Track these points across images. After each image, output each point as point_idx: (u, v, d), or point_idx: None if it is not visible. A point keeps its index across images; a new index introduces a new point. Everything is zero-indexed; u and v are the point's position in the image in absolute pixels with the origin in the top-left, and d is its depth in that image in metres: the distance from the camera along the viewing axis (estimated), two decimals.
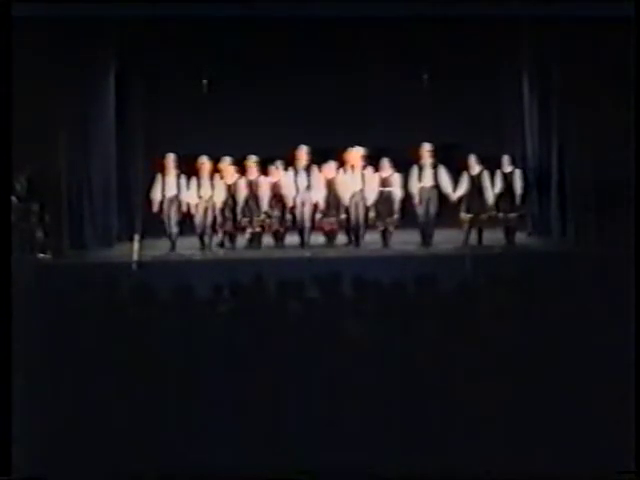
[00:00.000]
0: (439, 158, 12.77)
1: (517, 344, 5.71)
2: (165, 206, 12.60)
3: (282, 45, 13.37)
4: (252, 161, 12.72)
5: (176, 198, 12.60)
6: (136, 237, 12.07)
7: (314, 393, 5.59)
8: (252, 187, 12.68)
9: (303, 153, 12.69)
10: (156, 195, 12.63)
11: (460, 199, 12.69)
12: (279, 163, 12.80)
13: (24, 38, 10.57)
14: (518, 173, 12.77)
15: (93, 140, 13.17)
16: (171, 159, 12.65)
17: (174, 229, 12.59)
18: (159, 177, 12.68)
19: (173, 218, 12.56)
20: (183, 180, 12.61)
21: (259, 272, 7.08)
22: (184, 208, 12.60)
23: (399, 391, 5.59)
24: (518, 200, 12.68)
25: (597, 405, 5.46)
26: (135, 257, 11.69)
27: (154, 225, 13.17)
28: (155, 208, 12.61)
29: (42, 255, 11.93)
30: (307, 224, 12.63)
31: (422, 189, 12.63)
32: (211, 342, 5.85)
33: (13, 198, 11.35)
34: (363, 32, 13.00)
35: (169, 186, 12.61)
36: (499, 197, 12.62)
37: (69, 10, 11.36)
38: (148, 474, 5.41)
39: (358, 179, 12.66)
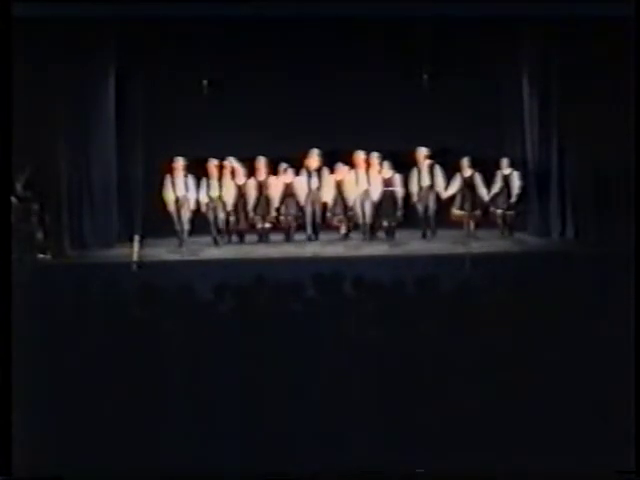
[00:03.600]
0: (438, 158, 13.15)
1: (517, 344, 5.71)
2: (175, 206, 12.99)
3: (282, 45, 13.36)
4: (261, 162, 13.11)
5: (185, 198, 12.99)
6: (136, 237, 12.06)
7: (315, 393, 5.59)
8: (261, 187, 13.11)
9: (314, 156, 13.15)
10: (169, 195, 12.98)
11: (453, 197, 13.24)
12: (286, 165, 13.12)
13: (24, 38, 10.58)
14: (516, 175, 13.28)
15: (93, 140, 13.16)
16: (180, 162, 13.01)
17: (185, 227, 13.00)
18: (168, 178, 12.98)
19: (183, 217, 12.98)
20: (191, 180, 13.00)
21: (262, 271, 7.09)
22: (192, 207, 13.00)
23: (399, 391, 5.59)
24: (514, 199, 13.20)
25: (597, 405, 5.46)
26: (135, 257, 11.68)
27: (154, 225, 13.26)
28: (170, 208, 12.98)
29: (42, 255, 11.92)
30: (317, 221, 13.23)
31: (421, 190, 13.18)
32: (212, 342, 5.85)
33: (13, 198, 11.35)
34: (363, 32, 12.99)
35: (178, 187, 12.99)
36: (496, 196, 13.26)
37: (69, 10, 11.36)
38: (149, 474, 5.41)
39: (363, 180, 13.08)
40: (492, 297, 6.58)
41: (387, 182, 13.06)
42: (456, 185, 13.19)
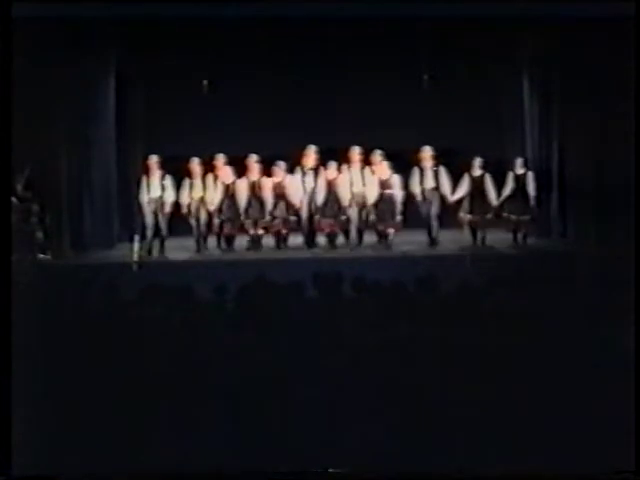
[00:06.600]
0: (440, 160, 12.85)
1: (517, 344, 5.71)
2: (150, 207, 12.63)
3: (282, 45, 13.35)
4: (253, 160, 12.71)
5: (161, 199, 12.62)
6: (136, 237, 12.06)
7: (314, 394, 5.59)
8: (255, 188, 12.67)
9: (311, 154, 12.74)
10: (143, 197, 12.70)
11: (460, 200, 12.71)
12: (282, 164, 12.77)
13: (24, 38, 10.58)
14: (531, 175, 12.72)
15: (93, 140, 13.17)
16: (154, 160, 12.70)
17: (162, 231, 12.60)
18: (144, 179, 12.74)
19: (160, 219, 12.58)
20: (168, 180, 12.64)
21: (260, 274, 7.08)
22: (168, 209, 12.60)
23: (399, 392, 5.59)
24: (532, 202, 12.64)
25: (597, 405, 5.45)
26: (135, 258, 11.69)
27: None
28: (143, 210, 12.66)
29: (42, 255, 11.92)
30: (313, 225, 12.67)
31: (423, 191, 12.68)
32: (212, 342, 5.86)
33: (13, 199, 11.35)
34: (363, 32, 12.98)
35: (154, 187, 12.64)
36: (508, 199, 12.62)
37: (69, 10, 11.37)
38: (149, 474, 5.41)
39: (357, 180, 12.68)
40: (493, 298, 6.58)
41: (384, 183, 12.59)
42: (465, 187, 12.63)
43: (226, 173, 12.73)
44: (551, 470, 5.33)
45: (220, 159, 12.75)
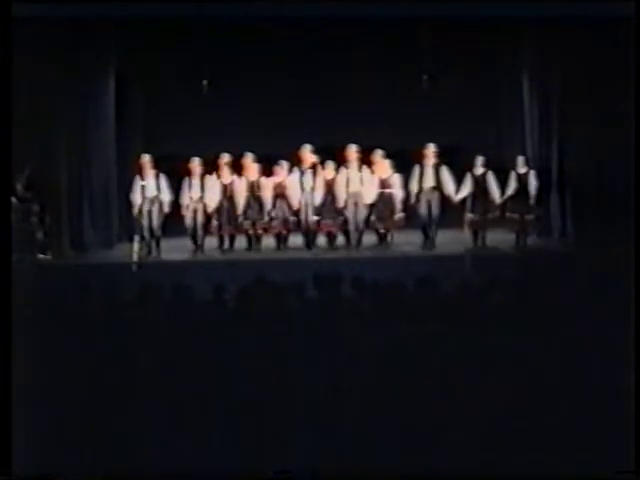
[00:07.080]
0: (442, 159, 12.73)
1: (517, 344, 5.71)
2: (145, 208, 12.48)
3: (282, 45, 13.35)
4: (249, 160, 12.61)
5: (156, 199, 12.49)
6: (136, 238, 12.05)
7: (314, 394, 5.59)
8: (254, 188, 12.59)
9: (308, 153, 12.60)
10: (136, 198, 12.53)
11: (464, 200, 12.58)
12: (284, 163, 12.68)
13: (24, 38, 10.59)
14: (533, 174, 12.61)
15: (93, 140, 13.17)
16: (147, 160, 12.56)
17: (157, 232, 12.43)
18: (137, 179, 12.58)
19: (154, 220, 12.41)
20: (163, 180, 12.52)
21: (260, 274, 7.06)
22: (164, 209, 12.49)
23: (399, 393, 5.59)
24: (533, 201, 12.52)
25: (597, 405, 5.46)
26: (135, 258, 11.68)
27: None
28: (136, 211, 12.49)
29: (42, 255, 11.92)
30: (312, 226, 12.51)
31: (423, 190, 12.49)
32: (211, 343, 5.86)
33: (13, 198, 11.35)
34: (363, 32, 12.98)
35: (148, 187, 12.49)
36: (512, 198, 12.49)
37: (69, 10, 11.36)
38: (149, 474, 5.41)
39: (356, 180, 12.54)
40: (492, 298, 6.58)
41: (384, 183, 12.47)
42: (468, 186, 12.46)
43: (226, 173, 12.68)
44: (551, 470, 5.33)
45: (224, 159, 12.67)
